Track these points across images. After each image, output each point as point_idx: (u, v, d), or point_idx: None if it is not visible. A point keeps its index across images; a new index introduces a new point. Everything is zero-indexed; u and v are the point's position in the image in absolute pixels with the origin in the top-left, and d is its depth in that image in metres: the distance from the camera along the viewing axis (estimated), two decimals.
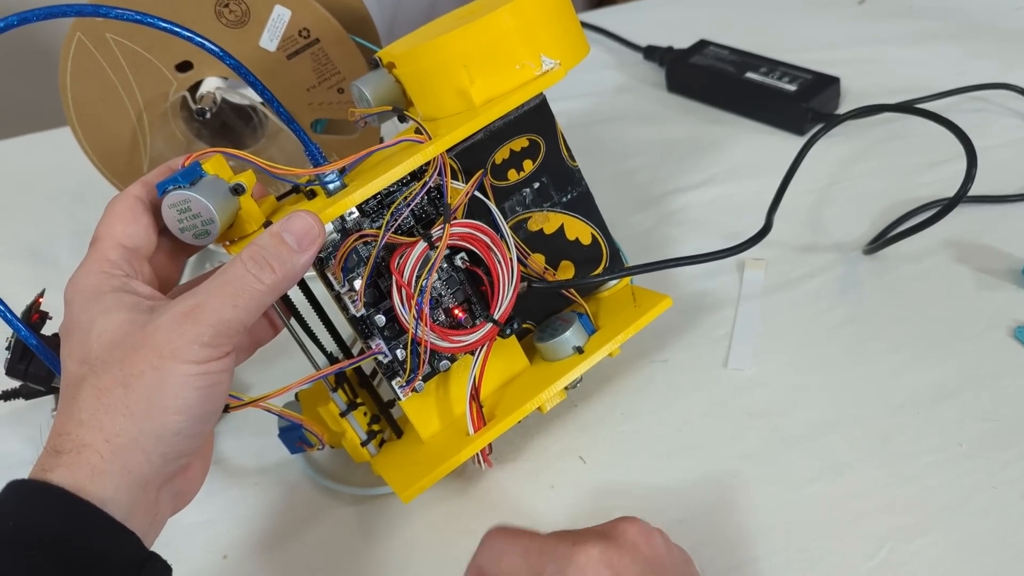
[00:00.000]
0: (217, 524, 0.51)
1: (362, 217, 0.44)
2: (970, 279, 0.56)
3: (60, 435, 0.34)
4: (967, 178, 0.50)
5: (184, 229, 0.38)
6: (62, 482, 0.33)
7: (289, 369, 0.57)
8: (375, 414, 0.49)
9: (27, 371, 0.49)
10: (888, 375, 0.51)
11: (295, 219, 0.37)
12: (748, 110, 0.75)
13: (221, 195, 0.38)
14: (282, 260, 0.36)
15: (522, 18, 0.42)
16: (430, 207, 0.45)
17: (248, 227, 0.40)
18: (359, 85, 0.45)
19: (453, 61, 0.42)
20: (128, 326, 0.35)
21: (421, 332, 0.43)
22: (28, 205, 0.82)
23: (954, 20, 0.82)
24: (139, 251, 0.38)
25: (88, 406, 0.34)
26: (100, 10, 0.34)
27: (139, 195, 0.39)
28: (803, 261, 0.59)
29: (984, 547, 0.42)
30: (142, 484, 0.34)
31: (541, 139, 0.48)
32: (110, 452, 0.33)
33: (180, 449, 0.35)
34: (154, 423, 0.34)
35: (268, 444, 0.53)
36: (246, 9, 0.55)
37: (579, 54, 0.45)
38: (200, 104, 0.59)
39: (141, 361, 0.34)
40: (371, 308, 0.44)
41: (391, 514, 0.49)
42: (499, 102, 0.42)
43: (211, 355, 0.35)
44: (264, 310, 0.36)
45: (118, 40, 0.56)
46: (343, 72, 0.59)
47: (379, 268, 0.44)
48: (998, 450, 0.46)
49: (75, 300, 0.36)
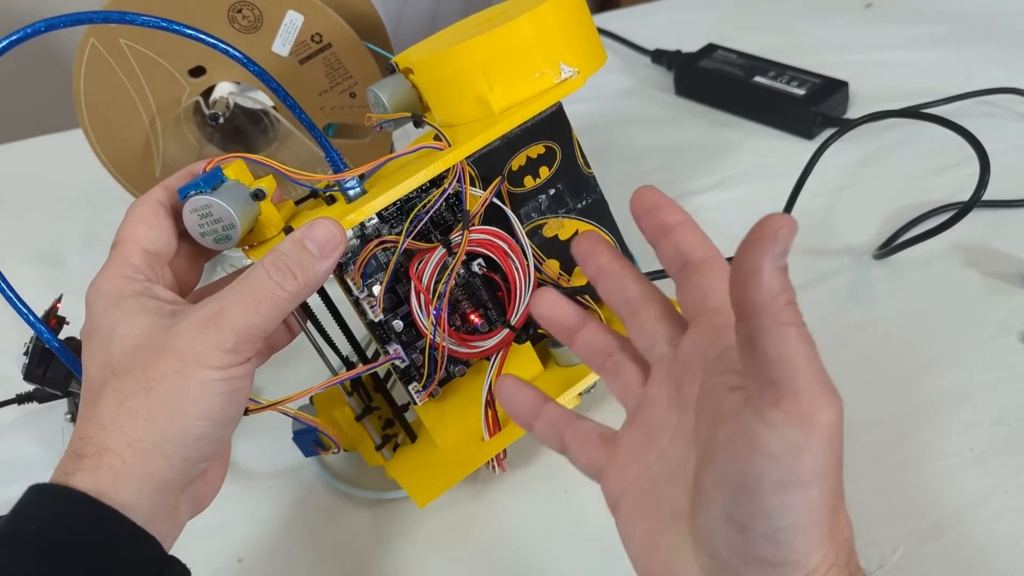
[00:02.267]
0: (231, 528, 0.51)
1: (381, 223, 0.44)
2: (980, 284, 0.56)
3: (82, 439, 0.34)
4: (980, 185, 0.50)
5: (205, 234, 0.38)
6: (84, 487, 0.33)
7: (301, 372, 0.57)
8: (389, 418, 0.49)
9: (45, 376, 0.49)
10: (900, 380, 0.51)
11: (317, 226, 0.37)
12: (757, 114, 0.75)
13: (242, 200, 0.39)
14: (304, 267, 0.36)
15: (542, 26, 0.42)
16: (448, 213, 0.46)
17: (267, 232, 0.41)
18: (375, 90, 0.45)
19: (473, 68, 0.42)
20: (151, 330, 0.35)
21: (439, 337, 0.44)
22: (39, 208, 0.82)
23: (961, 24, 0.82)
24: (160, 255, 0.39)
25: (110, 410, 0.34)
26: (127, 17, 0.34)
27: (161, 199, 0.39)
28: (813, 265, 0.60)
29: (997, 551, 0.42)
30: (163, 488, 0.34)
31: (557, 146, 0.49)
32: (132, 456, 0.33)
33: (201, 454, 0.35)
34: (176, 428, 0.34)
35: (281, 447, 0.53)
36: (259, 14, 0.56)
37: (597, 62, 0.45)
38: (213, 109, 0.59)
39: (163, 365, 0.34)
40: (389, 313, 0.44)
41: (405, 518, 0.50)
42: (518, 110, 0.42)
43: (233, 360, 0.35)
44: (285, 316, 0.37)
45: (132, 46, 0.57)
46: (355, 77, 0.59)
47: (397, 274, 0.44)
48: (1010, 454, 0.46)
49: (97, 304, 0.37)
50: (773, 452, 0.26)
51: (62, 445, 0.56)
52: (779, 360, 0.25)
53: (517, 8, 0.45)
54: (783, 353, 0.25)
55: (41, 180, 0.85)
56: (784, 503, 0.26)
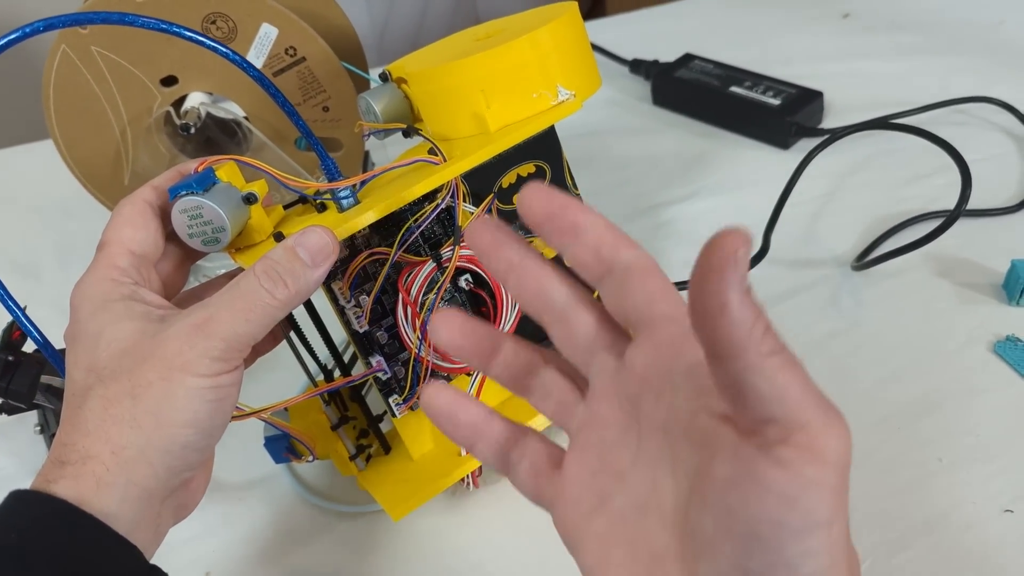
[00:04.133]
0: (201, 541, 0.50)
1: (371, 234, 0.44)
2: (951, 293, 0.56)
3: (65, 445, 0.34)
4: (962, 199, 0.50)
5: (193, 235, 0.38)
6: (66, 494, 0.32)
7: (271, 380, 0.57)
8: (363, 428, 0.49)
9: (8, 388, 0.49)
10: (870, 389, 0.51)
11: (310, 234, 0.37)
12: (733, 124, 0.75)
13: (233, 203, 0.38)
14: (295, 276, 0.36)
15: (543, 47, 0.42)
16: (438, 227, 0.46)
17: (256, 236, 0.40)
18: (368, 98, 0.45)
19: (471, 85, 0.42)
20: (138, 336, 0.35)
21: (424, 351, 0.43)
22: (11, 217, 0.81)
23: (937, 34, 0.83)
24: (147, 257, 0.38)
25: (95, 416, 0.34)
26: (126, 18, 0.34)
27: (148, 199, 0.39)
28: (787, 275, 0.60)
29: (965, 562, 0.43)
30: (147, 497, 0.34)
31: (547, 165, 0.49)
32: (116, 464, 0.33)
33: (186, 462, 0.35)
34: (162, 436, 0.34)
35: (251, 454, 0.52)
36: (233, 26, 0.56)
37: (593, 86, 0.45)
38: (185, 119, 0.59)
39: (150, 372, 0.34)
40: (374, 324, 0.44)
41: (376, 530, 0.49)
42: (515, 129, 0.42)
43: (221, 368, 0.34)
44: (274, 324, 0.36)
45: (104, 53, 0.56)
46: (328, 91, 0.59)
47: (383, 285, 0.44)
48: (979, 465, 0.47)
49: (83, 307, 0.36)
50: (790, 494, 0.23)
51: (31, 457, 0.56)
52: (776, 396, 0.23)
53: (517, 27, 0.45)
54: (778, 386, 0.23)
55: (14, 189, 0.84)
56: (806, 549, 0.23)
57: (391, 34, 1.49)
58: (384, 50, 1.46)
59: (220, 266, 0.64)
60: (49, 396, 0.50)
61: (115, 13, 0.34)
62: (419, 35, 1.52)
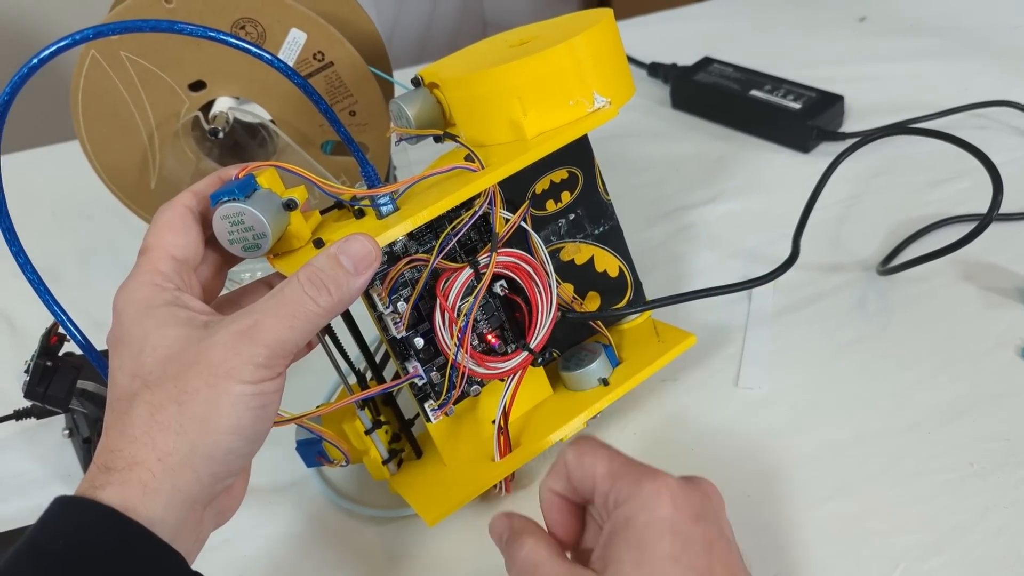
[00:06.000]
0: (231, 545, 0.50)
1: (410, 241, 0.44)
2: (977, 298, 0.57)
3: (111, 451, 0.34)
4: (993, 204, 0.50)
5: (234, 241, 0.38)
6: (112, 501, 0.33)
7: (300, 385, 0.57)
8: (395, 432, 0.49)
9: (46, 393, 0.49)
10: (899, 394, 0.52)
11: (353, 242, 0.37)
12: (753, 128, 0.75)
13: (274, 209, 0.38)
14: (339, 283, 0.36)
15: (581, 54, 0.42)
16: (474, 233, 0.46)
17: (295, 242, 0.41)
18: (400, 103, 0.45)
19: (508, 92, 0.42)
20: (183, 341, 0.35)
21: (460, 357, 0.44)
22: (34, 220, 0.81)
23: (955, 38, 0.83)
24: (188, 262, 0.38)
25: (141, 423, 0.34)
26: (175, 26, 0.34)
27: (189, 204, 0.39)
28: (813, 279, 0.60)
29: (997, 566, 0.43)
30: (190, 503, 0.34)
31: (580, 172, 0.49)
32: (162, 471, 0.33)
33: (230, 469, 0.35)
34: (207, 442, 0.34)
35: (278, 459, 0.53)
36: (262, 31, 0.56)
37: (627, 93, 0.45)
38: (213, 124, 0.59)
39: (196, 378, 0.34)
40: (410, 330, 0.44)
41: (406, 535, 0.50)
42: (551, 136, 0.43)
43: (265, 375, 0.35)
44: (317, 331, 0.36)
45: (133, 58, 0.56)
46: (356, 96, 0.59)
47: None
48: (1010, 469, 0.47)
49: (127, 311, 0.36)
50: None
51: (58, 461, 0.57)
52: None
53: (552, 33, 0.45)
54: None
55: (37, 192, 0.84)
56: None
57: (399, 36, 1.49)
58: (392, 52, 1.46)
59: (246, 270, 0.64)
60: (83, 400, 0.50)
61: (164, 21, 0.34)
62: (426, 37, 1.52)
